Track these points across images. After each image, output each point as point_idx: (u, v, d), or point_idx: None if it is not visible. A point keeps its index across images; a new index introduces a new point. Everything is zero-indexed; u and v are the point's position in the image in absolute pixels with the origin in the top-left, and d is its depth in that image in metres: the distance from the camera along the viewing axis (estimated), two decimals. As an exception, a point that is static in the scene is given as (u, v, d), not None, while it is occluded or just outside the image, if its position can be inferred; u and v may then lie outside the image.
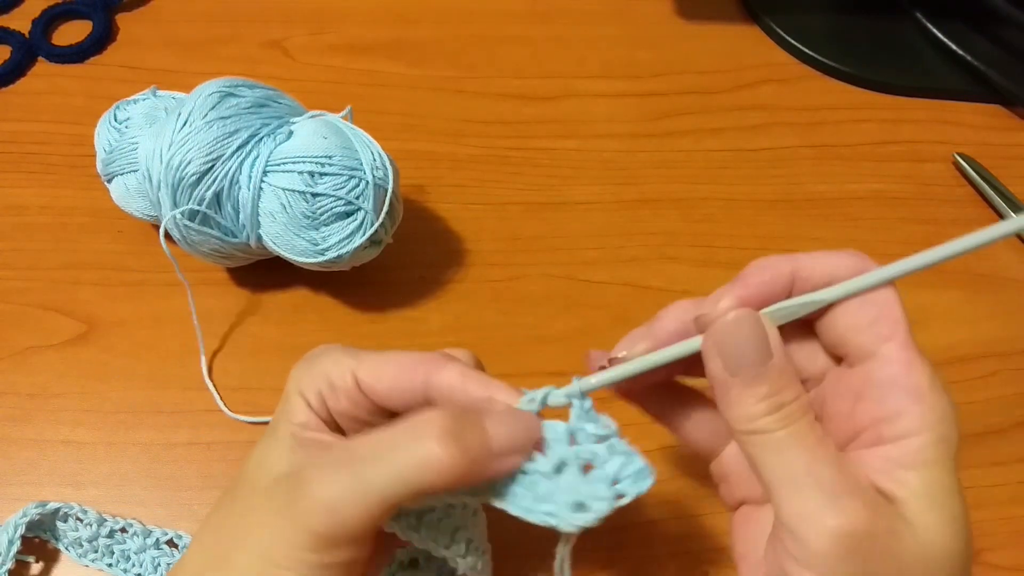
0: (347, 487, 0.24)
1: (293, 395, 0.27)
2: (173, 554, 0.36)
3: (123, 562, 0.36)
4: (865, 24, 0.58)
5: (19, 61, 0.51)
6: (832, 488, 0.23)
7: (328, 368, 0.27)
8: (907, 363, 0.24)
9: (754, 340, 0.24)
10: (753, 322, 0.25)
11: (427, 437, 0.24)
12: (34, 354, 0.41)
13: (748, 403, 0.24)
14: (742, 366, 0.24)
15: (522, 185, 0.48)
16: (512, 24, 0.56)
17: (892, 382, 0.24)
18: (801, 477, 0.23)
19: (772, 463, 0.24)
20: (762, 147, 0.51)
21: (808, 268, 0.26)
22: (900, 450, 0.24)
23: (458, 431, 0.24)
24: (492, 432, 0.24)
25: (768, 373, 0.24)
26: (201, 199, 0.37)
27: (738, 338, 0.25)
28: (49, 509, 0.35)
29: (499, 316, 0.44)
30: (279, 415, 0.28)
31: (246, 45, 0.54)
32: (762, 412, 0.24)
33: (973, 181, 0.50)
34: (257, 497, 0.26)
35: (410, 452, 0.24)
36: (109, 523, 0.36)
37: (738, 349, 0.24)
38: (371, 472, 0.24)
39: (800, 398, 0.24)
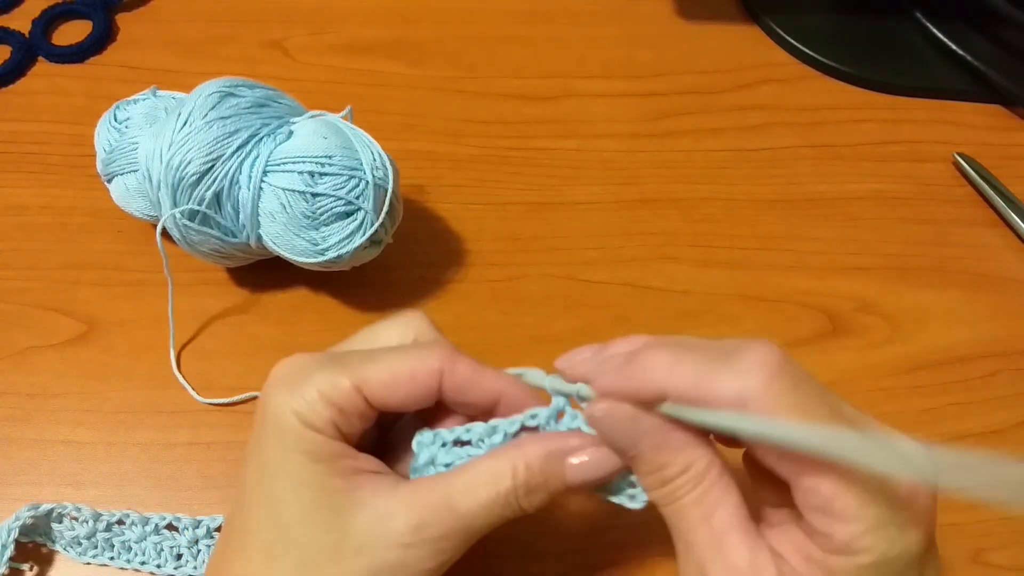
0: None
1: (287, 421, 0.26)
2: (174, 537, 0.36)
3: (125, 553, 0.36)
4: (865, 24, 0.58)
5: (19, 61, 0.51)
6: (703, 570, 0.24)
7: (328, 391, 0.26)
8: (835, 492, 0.22)
9: (621, 429, 0.25)
10: (616, 414, 0.25)
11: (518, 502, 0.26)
12: (34, 354, 0.41)
13: (640, 478, 0.26)
14: (620, 450, 0.26)
15: (522, 185, 0.48)
16: (512, 24, 0.56)
17: (820, 509, 0.23)
18: (684, 552, 0.25)
19: (672, 532, 0.26)
20: (762, 147, 0.51)
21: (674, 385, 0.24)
22: (824, 559, 0.23)
23: (543, 485, 0.26)
24: (569, 472, 0.26)
25: (640, 455, 0.25)
26: (201, 199, 0.37)
27: (606, 426, 0.26)
28: (43, 511, 0.35)
29: (499, 316, 0.44)
30: (281, 452, 0.26)
31: (246, 45, 0.54)
32: (651, 487, 0.26)
33: (973, 181, 0.50)
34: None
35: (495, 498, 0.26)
36: (105, 517, 0.36)
37: (611, 437, 0.26)
38: (463, 507, 0.26)
39: (689, 471, 0.25)
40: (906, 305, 0.45)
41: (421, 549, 0.25)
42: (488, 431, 0.27)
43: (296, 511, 0.26)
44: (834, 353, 0.43)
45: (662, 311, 0.44)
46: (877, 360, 0.43)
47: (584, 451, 0.26)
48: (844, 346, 0.43)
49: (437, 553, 0.26)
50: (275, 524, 0.26)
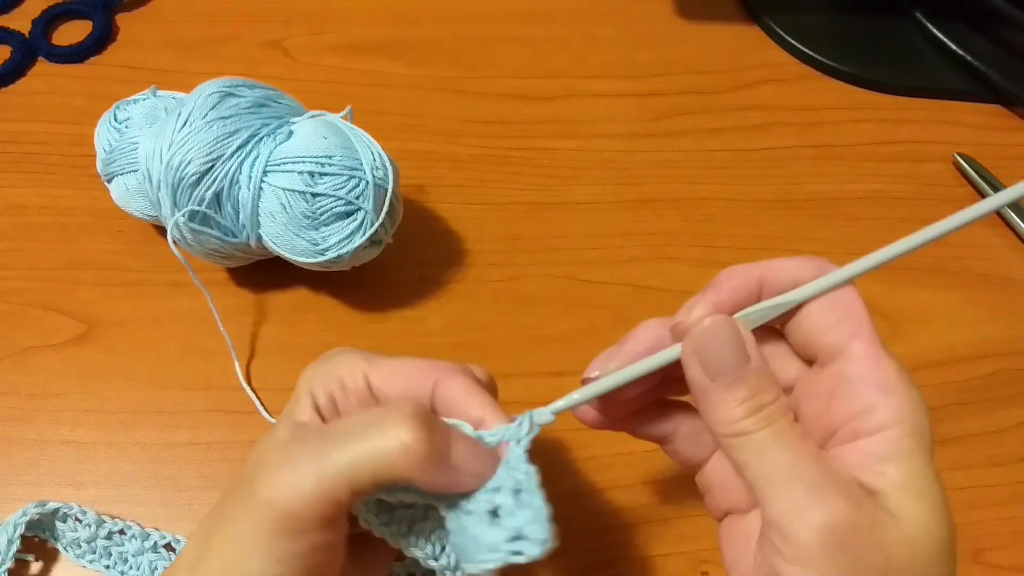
0: (310, 466, 0.23)
1: (303, 393, 0.27)
2: (170, 558, 0.36)
3: (120, 564, 0.36)
4: (865, 24, 0.58)
5: (19, 61, 0.51)
6: (815, 484, 0.23)
7: (341, 370, 0.27)
8: (874, 358, 0.25)
9: (732, 344, 0.25)
10: (730, 327, 0.25)
11: (397, 423, 0.23)
12: (34, 354, 0.41)
13: (729, 407, 0.25)
14: (722, 371, 0.25)
15: (522, 185, 0.48)
16: (512, 24, 0.56)
17: (862, 378, 0.25)
18: (784, 475, 0.24)
19: (755, 464, 0.24)
20: (762, 147, 0.51)
21: (772, 273, 0.26)
22: (877, 443, 0.24)
23: (429, 423, 0.24)
24: (454, 445, 0.24)
25: (747, 376, 0.25)
26: (201, 199, 0.37)
27: (716, 343, 0.25)
28: (48, 509, 0.35)
29: (499, 316, 0.44)
30: (284, 413, 0.28)
31: (246, 45, 0.54)
32: (743, 414, 0.24)
33: (973, 181, 0.50)
34: (235, 486, 0.26)
35: (379, 432, 0.23)
36: (108, 524, 0.36)
37: (717, 354, 0.25)
38: (336, 452, 0.23)
39: (779, 399, 0.25)
40: (906, 305, 0.45)
41: None
42: None
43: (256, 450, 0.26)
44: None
45: (662, 311, 0.44)
46: (877, 360, 0.43)
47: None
48: (844, 346, 0.43)
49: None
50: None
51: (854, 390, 0.25)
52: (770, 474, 0.24)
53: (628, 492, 0.39)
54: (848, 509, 0.23)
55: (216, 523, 0.25)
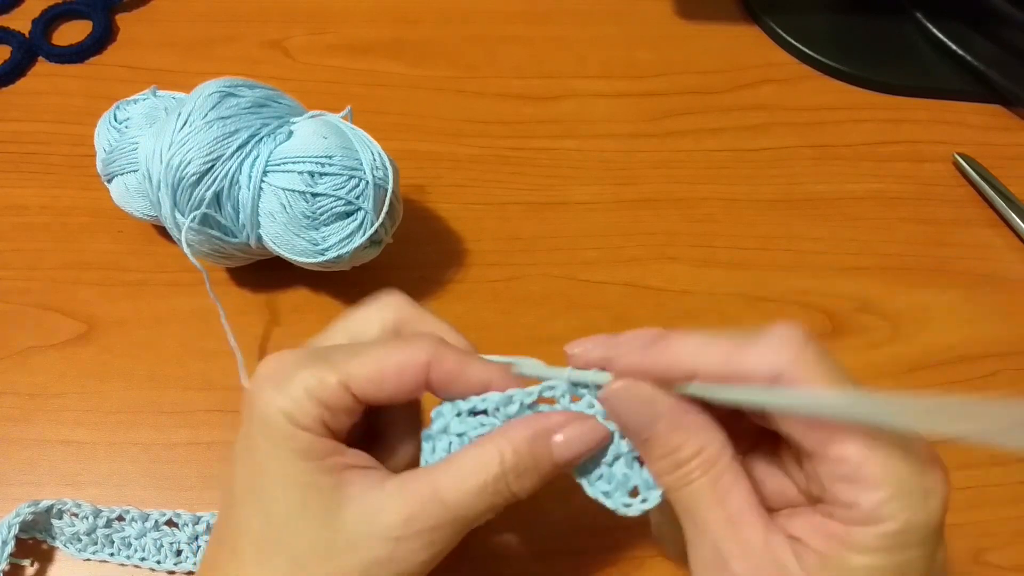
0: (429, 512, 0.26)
1: (275, 421, 0.26)
2: (174, 533, 0.36)
3: (125, 549, 0.36)
4: (865, 24, 0.58)
5: (19, 61, 0.51)
6: (722, 553, 0.24)
7: (314, 389, 0.26)
8: (862, 458, 0.22)
9: (638, 407, 0.25)
10: (634, 393, 0.25)
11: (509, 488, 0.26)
12: (34, 354, 0.41)
13: (650, 461, 0.26)
14: (632, 432, 0.26)
15: (522, 185, 0.48)
16: (512, 24, 0.56)
17: (847, 478, 0.23)
18: (697, 537, 0.25)
19: (682, 517, 0.25)
20: (762, 147, 0.51)
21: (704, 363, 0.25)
22: (847, 533, 0.23)
23: (532, 462, 0.26)
24: (556, 450, 0.26)
25: (655, 437, 0.25)
26: (201, 199, 0.37)
27: (623, 406, 0.26)
28: (42, 507, 0.35)
29: (499, 316, 0.44)
30: (269, 449, 0.26)
31: (246, 45, 0.54)
32: (663, 471, 0.25)
33: (973, 181, 0.50)
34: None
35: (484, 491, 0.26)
36: (105, 513, 0.36)
37: (626, 417, 0.26)
38: (449, 498, 0.26)
39: (702, 453, 0.25)
40: (906, 305, 0.45)
41: (412, 542, 0.25)
42: (504, 401, 0.27)
43: (286, 510, 0.26)
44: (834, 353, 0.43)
45: (662, 311, 0.44)
46: (877, 360, 0.43)
47: (569, 426, 0.26)
48: (844, 346, 0.43)
49: (428, 545, 0.26)
50: (266, 523, 0.26)
51: (835, 490, 0.23)
52: (689, 531, 0.25)
53: (628, 492, 0.39)
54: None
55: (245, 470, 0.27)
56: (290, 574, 0.26)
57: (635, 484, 0.26)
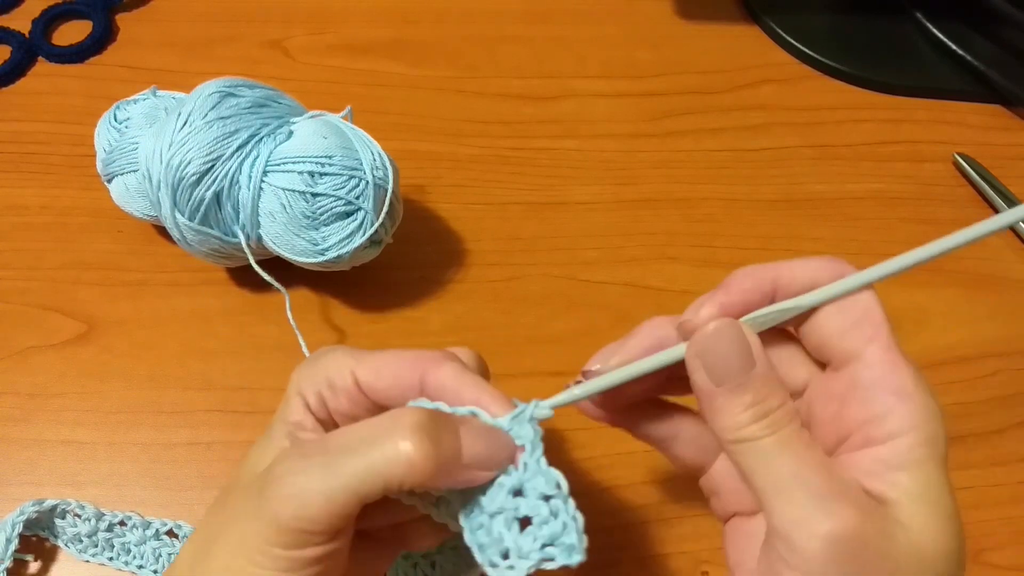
0: (314, 478, 0.23)
1: (293, 395, 0.27)
2: (173, 544, 0.36)
3: (124, 555, 0.36)
4: (865, 24, 0.58)
5: (19, 61, 0.51)
6: (821, 493, 0.23)
7: (329, 369, 0.27)
8: (891, 364, 0.24)
9: (736, 349, 0.25)
10: (735, 331, 0.25)
11: (400, 433, 0.23)
12: (34, 354, 0.41)
13: (734, 412, 0.24)
14: (726, 376, 0.24)
15: (522, 185, 0.48)
16: (512, 24, 0.56)
17: (877, 383, 0.24)
18: (790, 483, 0.23)
19: (761, 470, 0.24)
20: (762, 147, 0.51)
21: (789, 275, 0.26)
22: (890, 451, 0.24)
23: (433, 431, 0.24)
24: (465, 442, 0.24)
25: (752, 381, 0.24)
26: (201, 199, 0.37)
27: (720, 347, 0.25)
28: (47, 506, 0.35)
29: (499, 316, 0.44)
30: (277, 416, 0.28)
31: (246, 45, 0.54)
32: (748, 420, 0.24)
33: (973, 181, 0.50)
34: (239, 493, 0.26)
35: (381, 446, 0.23)
36: (108, 517, 0.36)
37: (721, 358, 0.25)
38: (340, 464, 0.23)
39: (786, 404, 0.24)
40: (906, 305, 0.45)
41: None
42: None
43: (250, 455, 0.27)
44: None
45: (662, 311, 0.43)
46: (877, 360, 0.43)
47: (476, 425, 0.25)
48: (844, 346, 0.43)
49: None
50: (229, 492, 0.27)
51: (868, 395, 0.24)
52: (775, 482, 0.24)
53: (628, 492, 0.39)
54: (856, 519, 0.22)
55: (218, 531, 0.25)
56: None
57: (507, 547, 0.24)
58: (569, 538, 0.23)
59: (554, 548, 0.23)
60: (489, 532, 0.24)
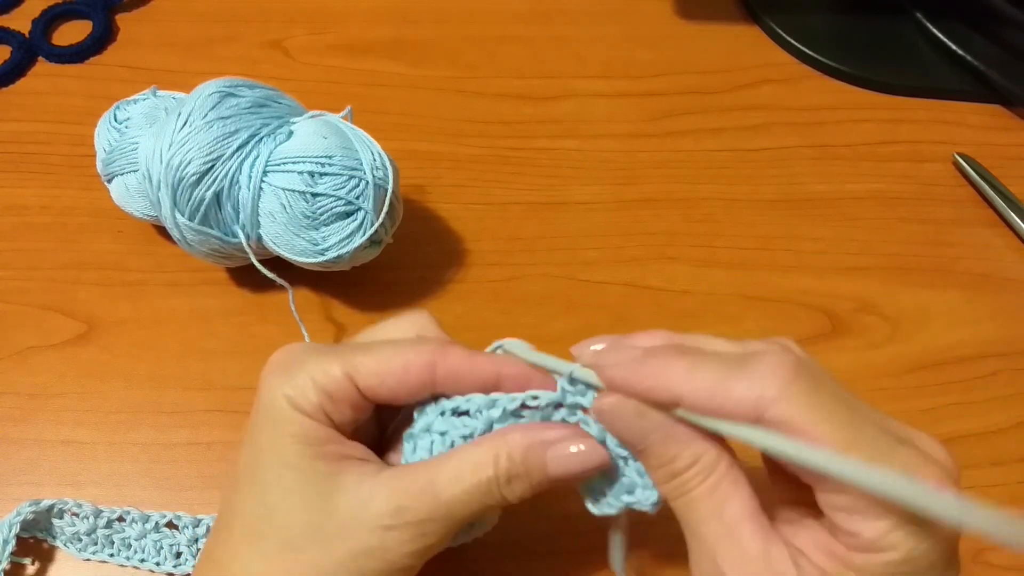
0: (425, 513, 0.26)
1: (280, 408, 0.27)
2: (174, 535, 0.36)
3: (125, 550, 0.36)
4: (865, 24, 0.58)
5: (19, 61, 0.51)
6: (716, 563, 0.24)
7: (319, 378, 0.27)
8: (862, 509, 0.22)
9: (628, 421, 0.25)
10: (624, 409, 0.25)
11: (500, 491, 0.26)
12: (34, 354, 0.41)
13: (649, 472, 0.26)
14: (629, 444, 0.26)
15: (522, 185, 0.48)
16: (512, 24, 0.56)
17: (843, 508, 0.23)
18: (696, 546, 0.25)
19: (683, 527, 0.26)
20: (762, 147, 0.51)
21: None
22: (850, 556, 0.23)
23: (524, 475, 0.26)
24: (550, 464, 0.26)
25: (649, 448, 0.25)
26: (201, 199, 0.37)
27: (614, 421, 0.26)
28: (43, 507, 0.35)
29: (499, 316, 0.44)
30: (272, 435, 0.27)
31: (246, 45, 0.54)
32: (660, 480, 0.26)
33: (973, 181, 0.50)
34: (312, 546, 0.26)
35: (482, 494, 0.26)
36: (106, 513, 0.36)
37: (618, 431, 0.26)
38: (448, 502, 0.26)
39: (698, 463, 0.25)
40: (906, 305, 0.45)
41: (402, 532, 0.26)
42: (487, 403, 0.27)
43: (280, 493, 0.26)
44: (834, 353, 0.43)
45: (662, 311, 0.44)
46: (877, 360, 0.43)
47: (566, 443, 0.26)
48: (844, 346, 0.43)
49: (418, 537, 0.26)
50: (259, 506, 0.26)
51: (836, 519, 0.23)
52: (688, 539, 0.25)
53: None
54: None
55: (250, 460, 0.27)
56: (279, 557, 0.26)
57: (635, 483, 0.27)
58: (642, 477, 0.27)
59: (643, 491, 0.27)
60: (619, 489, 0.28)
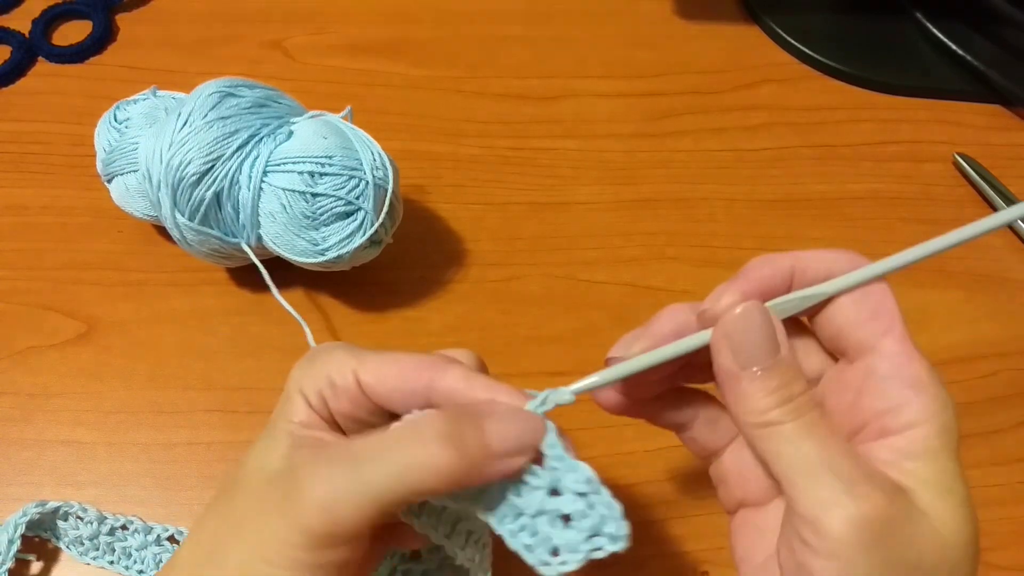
0: (344, 486, 0.23)
1: (293, 393, 0.27)
2: (174, 550, 0.36)
3: (124, 559, 0.36)
4: (865, 24, 0.58)
5: (19, 61, 0.51)
6: (849, 476, 0.23)
7: (330, 367, 0.27)
8: (907, 356, 0.25)
9: (764, 333, 0.25)
10: (762, 315, 0.25)
11: (427, 439, 0.23)
12: (34, 354, 0.41)
13: (759, 396, 0.24)
14: (753, 359, 0.24)
15: (522, 185, 0.48)
16: (512, 24, 0.56)
17: (894, 375, 0.25)
18: (816, 467, 0.23)
19: (786, 455, 0.24)
20: (762, 147, 0.51)
21: (806, 264, 0.26)
22: (906, 440, 0.24)
23: (457, 433, 0.24)
24: (491, 431, 0.24)
25: (778, 366, 0.24)
26: (201, 199, 0.37)
27: (748, 330, 0.25)
28: (49, 508, 0.35)
29: (499, 316, 0.44)
30: (278, 413, 0.28)
31: (246, 45, 0.54)
32: (773, 404, 0.24)
33: (973, 181, 0.50)
34: (251, 495, 0.25)
35: (409, 453, 0.23)
36: (110, 521, 0.36)
37: (749, 342, 0.25)
38: (369, 472, 0.23)
39: (808, 391, 0.25)
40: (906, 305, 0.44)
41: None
42: None
43: (252, 500, 0.26)
44: (834, 353, 0.43)
45: (662, 311, 0.44)
46: (877, 360, 0.43)
47: (501, 414, 0.25)
48: (844, 346, 0.43)
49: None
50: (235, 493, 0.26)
51: (884, 387, 0.25)
52: (801, 466, 0.24)
53: (628, 492, 0.39)
54: (883, 502, 0.22)
55: (229, 532, 0.25)
56: None
57: (557, 545, 0.24)
58: (611, 527, 0.24)
59: (600, 538, 0.24)
60: (534, 532, 0.25)
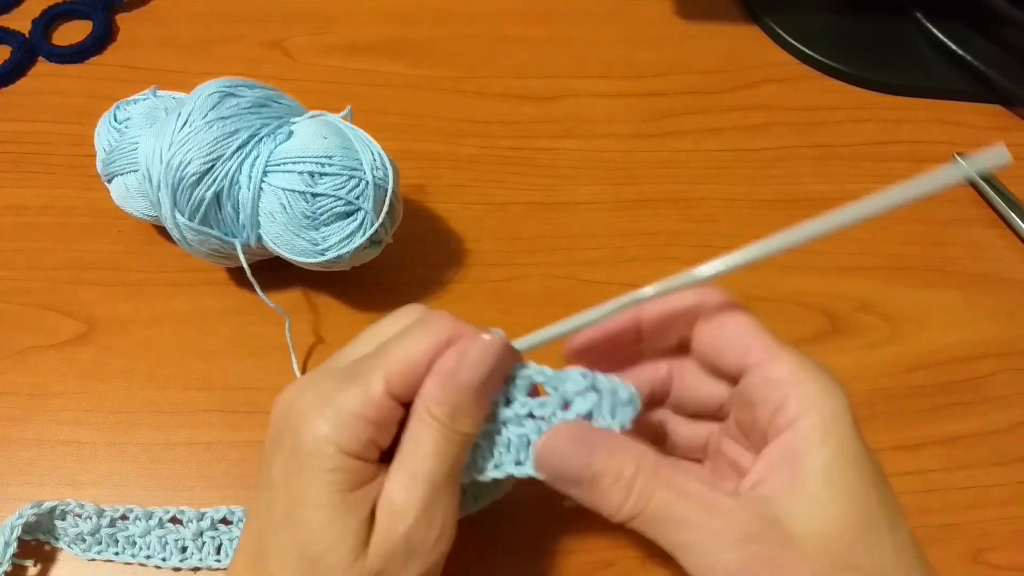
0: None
1: (331, 456, 0.26)
2: (179, 530, 0.36)
3: (130, 548, 0.36)
4: (865, 24, 0.58)
5: (19, 61, 0.51)
6: (716, 535, 0.24)
7: (359, 409, 0.26)
8: (771, 359, 0.27)
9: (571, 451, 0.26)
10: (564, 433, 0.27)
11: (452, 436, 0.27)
12: (34, 354, 0.41)
13: (604, 499, 0.26)
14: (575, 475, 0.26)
15: (522, 185, 0.48)
16: (512, 24, 0.56)
17: (766, 380, 0.27)
18: (686, 537, 0.25)
19: (655, 535, 0.26)
20: (762, 147, 0.51)
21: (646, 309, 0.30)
22: (792, 436, 0.25)
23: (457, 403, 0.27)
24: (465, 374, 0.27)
25: (600, 468, 0.26)
26: (201, 199, 0.37)
27: (559, 453, 0.27)
28: (45, 508, 0.35)
29: (499, 316, 0.44)
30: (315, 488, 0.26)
31: (246, 45, 0.54)
32: (618, 500, 0.26)
33: (973, 181, 0.50)
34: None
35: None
36: (108, 512, 0.36)
37: (564, 464, 0.27)
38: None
39: (643, 465, 0.25)
40: (906, 305, 0.45)
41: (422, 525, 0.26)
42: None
43: (325, 544, 0.25)
44: (834, 353, 0.43)
45: (662, 311, 0.44)
46: (877, 360, 0.43)
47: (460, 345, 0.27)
48: (844, 346, 0.43)
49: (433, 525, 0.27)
50: (300, 557, 0.26)
51: (764, 394, 0.26)
52: (680, 539, 0.25)
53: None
54: (754, 544, 0.24)
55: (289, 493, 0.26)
56: None
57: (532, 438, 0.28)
58: (622, 394, 0.27)
59: (622, 408, 0.27)
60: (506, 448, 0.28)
